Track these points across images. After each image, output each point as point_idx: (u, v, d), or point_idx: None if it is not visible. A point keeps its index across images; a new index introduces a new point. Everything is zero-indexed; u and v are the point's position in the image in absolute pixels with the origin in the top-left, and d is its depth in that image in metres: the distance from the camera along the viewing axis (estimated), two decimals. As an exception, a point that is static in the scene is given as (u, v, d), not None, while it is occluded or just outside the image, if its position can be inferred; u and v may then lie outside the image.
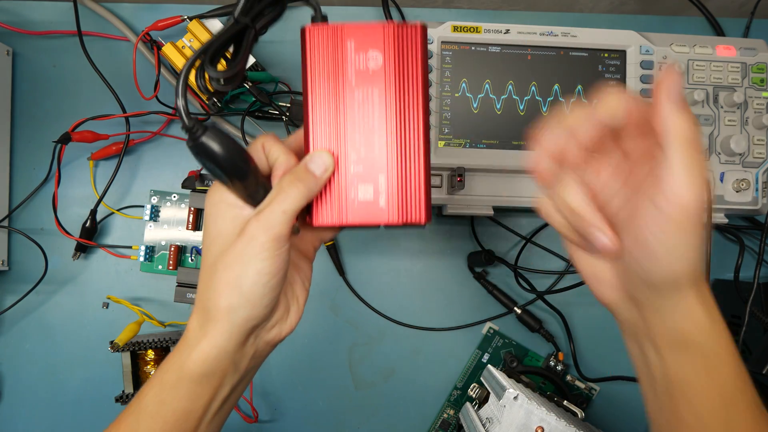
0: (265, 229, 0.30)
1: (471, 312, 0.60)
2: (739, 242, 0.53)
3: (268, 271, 0.31)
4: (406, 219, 0.33)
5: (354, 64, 0.33)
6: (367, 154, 0.33)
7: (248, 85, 0.56)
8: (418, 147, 0.33)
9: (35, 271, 0.58)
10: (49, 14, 0.61)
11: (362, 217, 0.33)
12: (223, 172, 0.30)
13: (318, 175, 0.32)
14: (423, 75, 0.33)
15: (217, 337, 0.32)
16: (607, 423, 0.59)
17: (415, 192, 0.33)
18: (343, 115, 0.33)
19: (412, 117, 0.33)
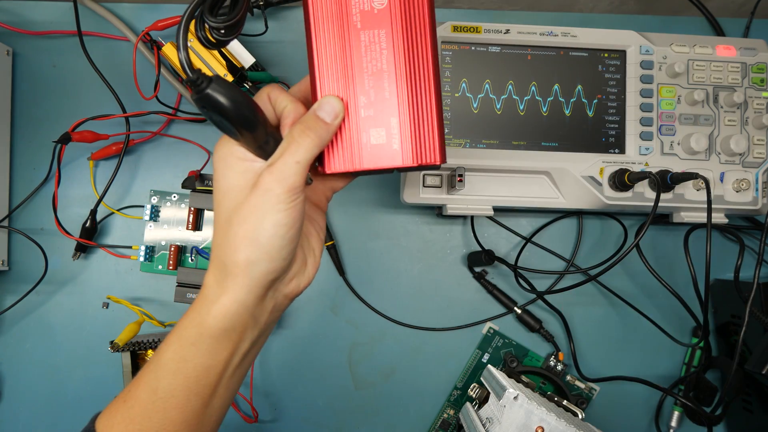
0: (279, 180, 0.30)
1: (471, 312, 0.60)
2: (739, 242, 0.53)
3: (285, 222, 0.30)
4: (421, 160, 0.32)
5: (358, 4, 0.32)
6: (377, 97, 0.32)
7: (248, 85, 0.56)
8: (428, 88, 0.32)
9: (35, 271, 0.58)
10: (49, 14, 0.61)
11: (376, 161, 0.32)
12: (231, 123, 0.29)
13: (329, 122, 0.31)
14: (430, 13, 0.32)
15: (237, 292, 0.31)
16: (607, 423, 0.59)
17: (428, 132, 0.32)
18: (350, 58, 0.32)
19: (421, 57, 0.32)
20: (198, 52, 0.55)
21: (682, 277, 0.57)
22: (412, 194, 0.53)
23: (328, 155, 0.33)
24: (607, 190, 0.53)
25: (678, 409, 0.59)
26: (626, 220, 0.60)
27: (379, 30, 0.32)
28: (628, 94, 0.54)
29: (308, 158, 0.31)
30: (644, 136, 0.54)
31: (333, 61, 0.32)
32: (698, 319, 0.55)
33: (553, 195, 0.54)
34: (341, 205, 0.60)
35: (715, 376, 0.59)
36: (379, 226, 0.60)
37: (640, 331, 0.59)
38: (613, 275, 0.59)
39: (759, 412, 0.53)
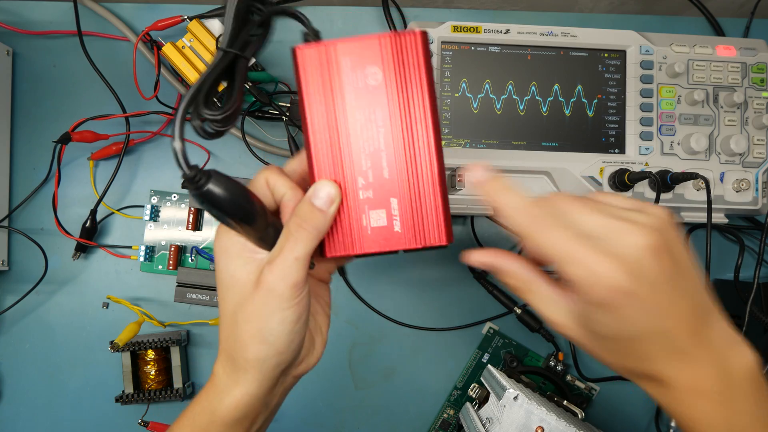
0: (280, 278, 0.29)
1: (471, 312, 0.60)
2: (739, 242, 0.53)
3: (291, 319, 0.30)
4: (424, 242, 0.31)
5: (352, 83, 0.31)
6: (376, 177, 0.31)
7: (248, 85, 0.56)
8: (430, 164, 0.31)
9: (35, 271, 0.58)
10: (49, 14, 0.61)
11: (377, 245, 0.31)
12: (231, 218, 0.28)
13: (325, 210, 0.30)
14: (428, 86, 0.31)
15: (248, 386, 0.31)
16: (607, 423, 0.59)
17: (431, 212, 0.31)
18: (346, 138, 0.31)
19: (421, 133, 0.31)
20: (198, 53, 0.55)
21: (682, 277, 0.57)
22: (412, 194, 0.53)
23: (328, 239, 0.31)
24: (607, 190, 0.53)
25: (678, 409, 0.59)
26: (626, 220, 0.60)
27: (375, 108, 0.31)
28: (628, 94, 0.54)
29: (307, 252, 0.30)
30: (644, 136, 0.54)
31: (328, 141, 0.31)
32: (698, 319, 0.55)
33: (553, 195, 0.54)
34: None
35: (715, 376, 0.59)
36: (379, 226, 0.60)
37: (640, 331, 0.59)
38: (613, 275, 0.59)
39: (759, 412, 0.53)
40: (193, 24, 0.55)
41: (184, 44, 0.55)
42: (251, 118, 0.59)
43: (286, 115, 0.58)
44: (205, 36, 0.55)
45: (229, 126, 0.30)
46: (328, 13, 0.61)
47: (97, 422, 0.58)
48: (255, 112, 0.59)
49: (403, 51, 0.31)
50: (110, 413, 0.58)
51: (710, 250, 0.46)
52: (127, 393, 0.56)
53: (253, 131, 0.60)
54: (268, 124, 0.60)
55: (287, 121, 0.58)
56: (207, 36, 0.55)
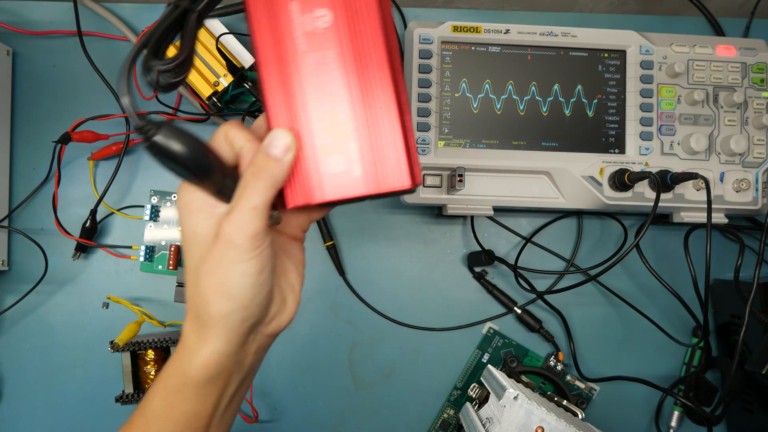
0: (238, 229, 0.29)
1: (471, 312, 0.60)
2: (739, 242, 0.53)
3: (253, 271, 0.29)
4: (386, 186, 0.29)
5: (303, 27, 0.29)
6: (332, 122, 0.29)
7: (248, 85, 0.56)
8: (388, 104, 0.29)
9: (35, 271, 0.58)
10: (49, 14, 0.61)
11: (338, 192, 0.30)
12: (185, 170, 0.28)
13: (280, 158, 0.29)
14: (381, 24, 0.29)
15: (216, 343, 0.31)
16: (607, 423, 0.59)
17: (392, 154, 0.29)
18: (300, 84, 0.30)
19: (376, 72, 0.29)
20: (198, 53, 0.55)
21: (682, 277, 0.57)
22: (412, 194, 0.53)
23: (288, 189, 0.30)
24: (607, 190, 0.53)
25: (678, 409, 0.59)
26: (626, 220, 0.60)
27: (326, 50, 0.29)
28: (628, 94, 0.54)
29: (264, 201, 0.29)
30: (644, 136, 0.54)
31: (282, 89, 0.30)
32: (698, 319, 0.55)
33: (553, 195, 0.54)
34: (341, 206, 0.60)
35: (715, 376, 0.59)
36: (379, 226, 0.60)
37: (640, 331, 0.59)
38: (613, 275, 0.59)
39: (759, 412, 0.53)
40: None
41: (184, 44, 0.55)
42: (251, 118, 0.59)
43: (286, 115, 0.58)
44: (205, 36, 0.55)
45: (182, 76, 0.29)
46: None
47: (97, 422, 0.58)
48: (255, 112, 0.59)
49: None
50: (110, 413, 0.58)
51: (710, 250, 0.46)
52: (127, 393, 0.56)
53: (253, 131, 0.60)
54: (268, 124, 0.60)
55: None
56: (207, 36, 0.55)
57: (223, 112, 0.59)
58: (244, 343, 0.32)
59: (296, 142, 0.30)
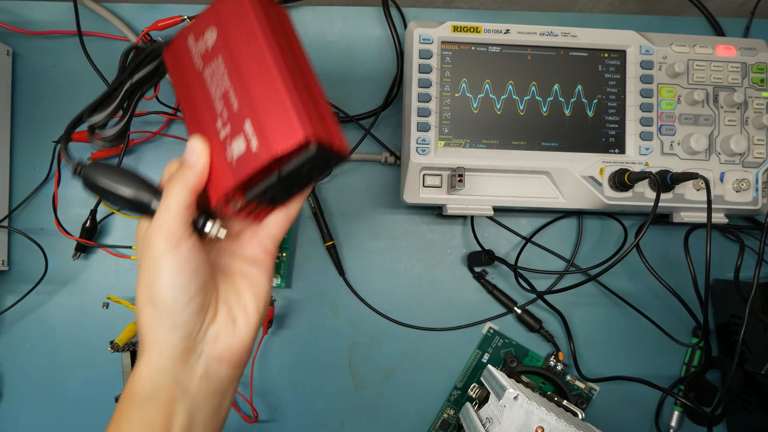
0: (156, 231, 0.30)
1: (471, 312, 0.60)
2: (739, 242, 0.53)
3: (172, 271, 0.30)
4: (281, 146, 0.29)
5: (198, 51, 0.33)
6: (230, 113, 0.31)
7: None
8: (268, 75, 0.31)
9: (35, 271, 0.58)
10: (49, 14, 0.61)
11: (245, 171, 0.30)
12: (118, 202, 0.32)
13: (194, 162, 0.31)
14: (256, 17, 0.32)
15: (150, 355, 0.31)
16: (607, 423, 0.59)
17: (280, 116, 0.30)
18: (202, 96, 0.33)
19: (255, 53, 0.31)
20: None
21: (682, 277, 0.57)
22: (412, 194, 0.53)
23: (210, 190, 0.32)
24: (607, 190, 0.53)
25: (678, 409, 0.59)
26: (626, 220, 0.60)
27: (216, 58, 0.32)
28: (628, 94, 0.54)
29: (179, 202, 0.30)
30: (644, 136, 0.54)
31: (191, 105, 0.33)
32: (698, 319, 0.55)
33: (553, 195, 0.54)
34: (341, 206, 0.60)
35: (715, 376, 0.59)
36: (379, 226, 0.60)
37: (640, 331, 0.59)
38: (613, 275, 0.59)
39: (759, 412, 0.53)
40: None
41: (184, 44, 0.55)
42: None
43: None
44: (205, 36, 0.55)
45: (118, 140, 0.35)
46: (328, 13, 0.61)
47: (97, 422, 0.58)
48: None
49: (232, 5, 0.33)
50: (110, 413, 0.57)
51: (710, 250, 0.46)
52: (127, 393, 0.56)
53: (253, 131, 0.60)
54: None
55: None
56: (207, 36, 0.55)
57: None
58: (183, 360, 0.31)
59: (205, 144, 0.32)
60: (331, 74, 0.61)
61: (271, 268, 0.36)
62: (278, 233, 0.36)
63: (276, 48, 0.31)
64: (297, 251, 0.60)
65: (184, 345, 0.31)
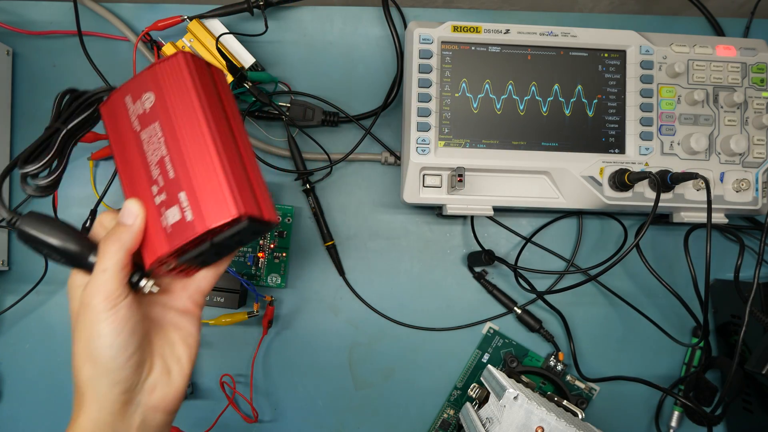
0: (93, 293, 0.31)
1: (471, 312, 0.60)
2: (739, 242, 0.53)
3: (110, 331, 0.31)
4: (213, 220, 0.31)
5: (135, 112, 0.34)
6: (165, 180, 0.33)
7: (248, 85, 0.56)
8: (203, 150, 0.32)
9: (35, 271, 0.58)
10: (49, 14, 0.61)
11: (179, 239, 0.32)
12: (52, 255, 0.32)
13: (129, 224, 0.32)
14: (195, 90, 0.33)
15: (89, 410, 0.31)
16: (607, 423, 0.59)
17: (214, 191, 0.32)
18: (139, 159, 0.34)
19: (192, 127, 0.33)
20: (198, 53, 0.55)
21: (682, 277, 0.57)
22: (412, 194, 0.53)
23: (144, 251, 0.33)
24: (607, 190, 0.53)
25: (678, 409, 0.59)
26: (626, 220, 0.60)
27: (153, 123, 0.34)
28: (628, 94, 0.54)
29: (115, 263, 0.31)
30: (644, 136, 0.54)
31: (128, 167, 0.34)
32: (698, 319, 0.55)
33: (553, 195, 0.54)
34: (341, 205, 0.60)
35: (715, 376, 0.59)
36: (379, 226, 0.60)
37: (640, 331, 0.59)
38: (613, 275, 0.59)
39: (759, 412, 0.53)
40: (193, 24, 0.55)
41: (184, 44, 0.55)
42: (251, 118, 0.59)
43: (285, 115, 0.58)
44: (205, 36, 0.55)
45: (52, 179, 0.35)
46: (328, 13, 0.61)
47: (97, 422, 0.58)
48: (255, 112, 0.59)
49: (169, 71, 0.34)
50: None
51: (710, 250, 0.46)
52: (127, 393, 0.56)
53: (253, 131, 0.60)
54: (268, 124, 0.60)
55: (287, 121, 0.58)
56: (207, 36, 0.55)
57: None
58: (122, 412, 0.32)
59: (142, 207, 0.33)
60: (331, 74, 0.61)
61: (199, 318, 0.38)
62: (207, 287, 0.38)
63: (212, 121, 0.33)
64: (297, 251, 0.60)
65: (123, 398, 0.32)
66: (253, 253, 0.58)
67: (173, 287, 0.37)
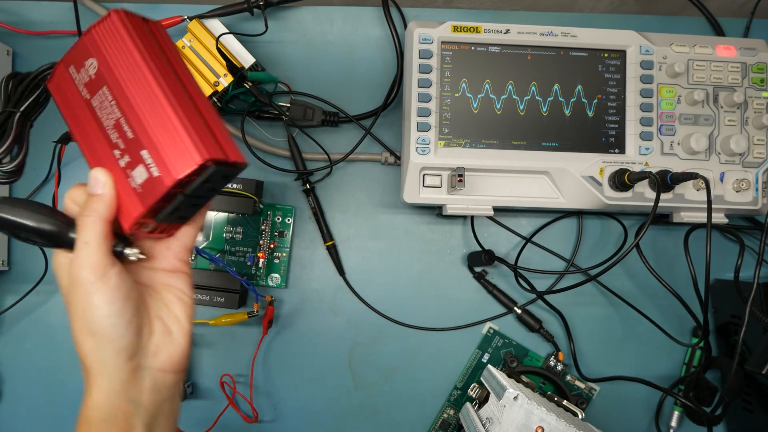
0: (81, 266, 0.31)
1: (471, 312, 0.60)
2: (739, 242, 0.53)
3: (103, 301, 0.31)
4: (180, 170, 0.31)
5: (81, 81, 0.34)
6: (125, 142, 0.33)
7: (248, 85, 0.56)
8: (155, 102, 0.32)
9: (35, 271, 0.58)
10: (49, 14, 0.61)
11: (151, 197, 0.32)
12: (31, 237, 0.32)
13: (100, 193, 0.32)
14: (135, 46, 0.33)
15: (99, 382, 0.32)
16: (607, 423, 0.59)
17: (175, 141, 0.31)
18: (94, 125, 0.34)
19: (140, 84, 0.32)
20: (198, 53, 0.55)
21: (682, 277, 0.57)
22: (412, 194, 0.53)
23: (120, 217, 0.33)
24: (607, 190, 0.53)
25: (678, 409, 0.59)
26: (626, 220, 0.60)
27: (102, 88, 0.33)
28: (628, 94, 0.54)
29: (96, 234, 0.31)
30: (644, 136, 0.54)
31: (86, 136, 0.34)
32: (698, 319, 0.55)
33: (553, 195, 0.54)
34: (341, 205, 0.60)
35: (715, 376, 0.59)
36: (379, 226, 0.60)
37: (640, 331, 0.59)
38: (613, 275, 0.59)
39: (759, 412, 0.53)
40: (193, 24, 0.55)
41: (184, 44, 0.55)
42: (251, 118, 0.59)
43: (286, 115, 0.58)
44: (205, 36, 0.55)
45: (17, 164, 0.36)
46: (328, 13, 0.61)
47: (97, 422, 0.58)
48: (255, 112, 0.59)
49: (105, 33, 0.34)
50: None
51: (710, 250, 0.46)
52: (127, 393, 0.56)
53: (253, 131, 0.60)
54: (268, 124, 0.60)
55: (287, 121, 0.58)
56: (207, 36, 0.55)
57: (224, 112, 0.59)
58: (131, 379, 0.33)
59: (109, 174, 0.33)
60: (331, 74, 0.61)
61: (189, 273, 0.38)
62: (189, 242, 0.38)
63: (159, 74, 0.33)
64: (297, 251, 0.60)
65: (131, 365, 0.33)
66: (253, 253, 0.58)
67: (157, 249, 0.37)
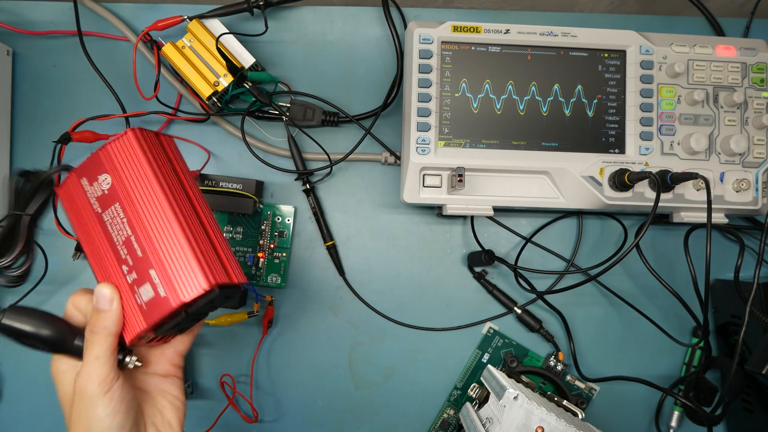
0: (87, 380, 0.32)
1: (471, 312, 0.60)
2: (739, 242, 0.53)
3: (107, 414, 0.32)
4: (186, 294, 0.33)
5: (94, 194, 0.36)
6: (134, 259, 0.34)
7: (248, 85, 0.56)
8: (170, 227, 0.34)
9: (35, 271, 0.57)
10: (49, 14, 0.61)
11: (155, 315, 0.34)
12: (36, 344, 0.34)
13: (107, 309, 0.34)
14: (149, 165, 0.35)
15: None
16: (607, 423, 0.59)
17: (184, 266, 0.33)
18: (105, 239, 0.35)
19: (154, 205, 0.34)
20: (198, 53, 0.55)
21: (682, 277, 0.57)
22: (412, 194, 0.53)
23: (123, 330, 0.34)
24: (607, 190, 0.53)
25: (678, 409, 0.59)
26: (626, 220, 0.60)
27: (114, 204, 0.35)
28: (628, 94, 0.54)
29: (105, 349, 0.33)
30: (644, 136, 0.54)
31: (94, 249, 0.36)
32: (698, 319, 0.55)
33: (553, 195, 0.54)
34: (341, 205, 0.60)
35: (715, 376, 0.59)
36: (379, 226, 0.60)
37: (640, 331, 0.59)
38: (613, 275, 0.59)
39: (759, 412, 0.53)
40: (193, 24, 0.55)
41: (184, 44, 0.55)
42: (251, 118, 0.59)
43: (286, 115, 0.58)
44: (205, 36, 0.55)
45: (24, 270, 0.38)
46: (328, 13, 0.61)
47: (97, 422, 0.58)
48: (255, 112, 0.59)
49: (119, 152, 0.35)
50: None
51: (710, 250, 0.46)
52: (127, 393, 0.56)
53: (253, 131, 0.60)
54: (268, 124, 0.60)
55: (287, 121, 0.58)
56: (207, 36, 0.55)
57: (223, 112, 0.59)
58: None
59: (116, 290, 0.34)
60: (331, 74, 0.61)
61: (181, 377, 0.40)
62: (184, 349, 0.40)
63: (173, 198, 0.35)
64: (297, 251, 0.60)
65: None
66: (253, 253, 0.58)
67: (152, 355, 0.39)
